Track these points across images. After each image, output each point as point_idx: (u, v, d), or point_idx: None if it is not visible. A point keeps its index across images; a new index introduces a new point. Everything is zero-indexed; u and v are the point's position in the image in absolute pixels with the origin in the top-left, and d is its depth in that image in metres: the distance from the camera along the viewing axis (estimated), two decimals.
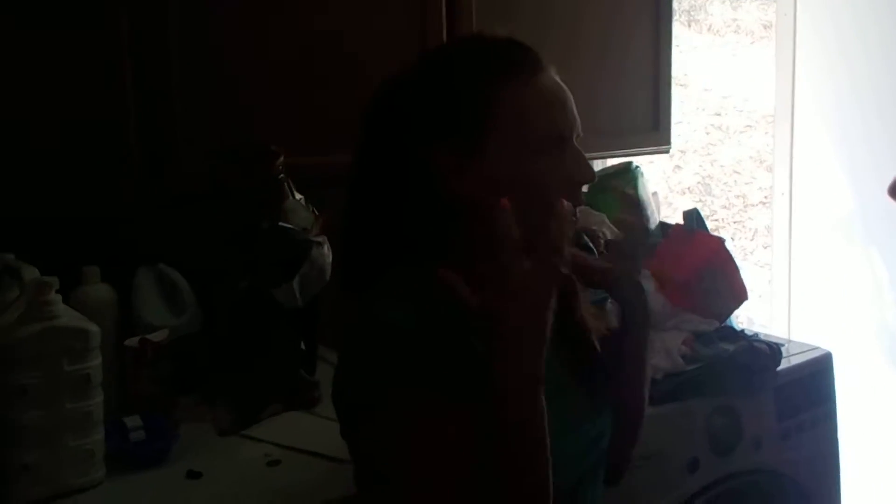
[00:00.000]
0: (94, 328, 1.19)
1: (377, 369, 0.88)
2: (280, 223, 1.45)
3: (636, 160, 2.06)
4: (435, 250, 0.94)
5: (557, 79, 0.97)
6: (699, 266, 1.65)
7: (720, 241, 1.72)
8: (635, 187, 1.96)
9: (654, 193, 2.10)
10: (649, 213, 1.96)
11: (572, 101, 0.97)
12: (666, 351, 1.52)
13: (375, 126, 0.98)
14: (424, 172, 0.93)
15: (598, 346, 1.06)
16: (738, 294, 1.70)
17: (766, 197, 3.29)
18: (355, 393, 0.91)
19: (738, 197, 3.71)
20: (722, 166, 3.76)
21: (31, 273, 1.24)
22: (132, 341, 1.39)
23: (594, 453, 1.02)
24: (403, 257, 0.96)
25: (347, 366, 0.94)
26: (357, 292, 0.98)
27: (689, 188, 3.74)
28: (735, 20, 3.83)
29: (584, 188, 1.03)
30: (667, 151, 2.02)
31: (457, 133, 0.93)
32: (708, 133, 3.82)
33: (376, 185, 0.97)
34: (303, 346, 1.49)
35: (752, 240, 3.60)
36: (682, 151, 3.66)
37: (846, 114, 2.62)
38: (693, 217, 1.79)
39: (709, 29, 3.86)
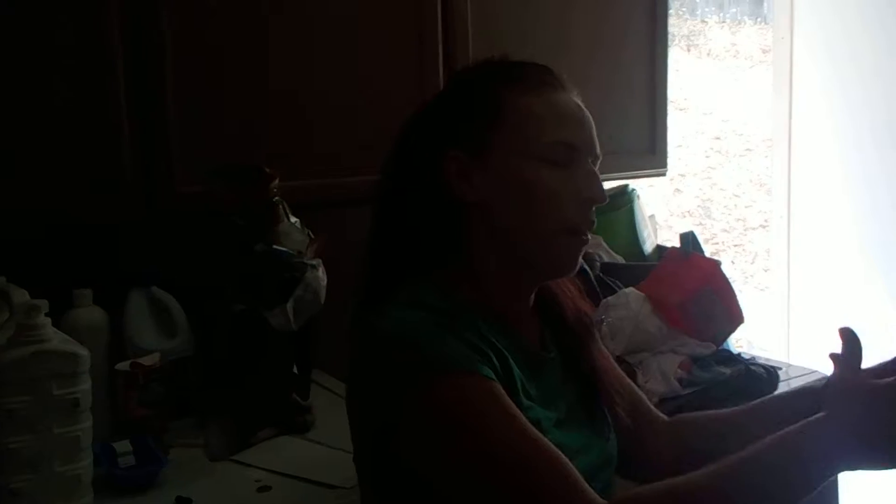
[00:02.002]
0: (83, 352, 1.18)
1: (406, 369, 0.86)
2: (274, 246, 1.45)
3: (634, 183, 2.07)
4: (447, 258, 0.94)
5: (579, 101, 0.98)
6: (695, 288, 1.64)
7: (716, 263, 1.71)
8: (631, 210, 1.96)
9: (652, 216, 2.10)
10: (646, 235, 1.96)
11: (591, 123, 0.97)
12: (662, 374, 1.51)
13: (400, 144, 1.00)
14: (437, 179, 0.94)
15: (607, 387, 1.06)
16: (734, 317, 1.69)
17: (765, 220, 3.29)
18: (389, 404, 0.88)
19: (738, 220, 3.70)
20: (722, 189, 3.76)
21: (20, 296, 1.23)
22: (123, 365, 1.38)
23: (600, 476, 1.01)
24: (419, 267, 0.96)
25: (368, 382, 0.92)
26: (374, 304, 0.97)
27: (689, 211, 3.74)
28: (734, 45, 3.84)
29: None
30: (664, 174, 2.01)
31: (466, 138, 0.94)
32: (708, 156, 3.82)
33: (396, 198, 0.98)
34: (296, 371, 1.48)
35: (752, 263, 3.59)
36: (682, 175, 3.66)
37: (843, 136, 2.62)
38: (689, 240, 1.79)
39: (708, 53, 3.87)
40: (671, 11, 2.02)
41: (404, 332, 0.88)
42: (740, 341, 1.92)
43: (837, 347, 0.86)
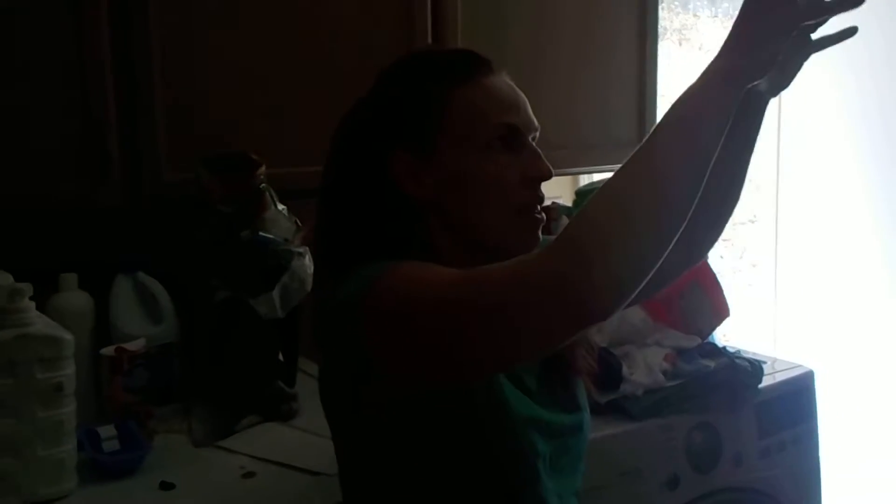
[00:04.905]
0: (67, 336, 1.18)
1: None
2: (261, 233, 1.45)
3: None
4: (398, 253, 0.94)
5: (510, 82, 0.99)
6: (682, 282, 1.64)
7: None
8: None
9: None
10: None
11: (527, 103, 0.99)
12: (647, 367, 1.52)
13: (341, 141, 1.00)
14: (384, 178, 0.95)
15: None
16: (720, 311, 1.70)
17: (754, 215, 3.31)
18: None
19: None
20: None
21: (4, 279, 1.22)
22: (108, 350, 1.38)
23: (573, 446, 1.03)
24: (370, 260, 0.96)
25: (329, 343, 0.94)
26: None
27: None
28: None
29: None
30: None
31: (411, 138, 0.96)
32: None
33: (343, 194, 0.98)
34: (282, 358, 1.48)
35: (740, 258, 3.61)
36: None
37: (832, 130, 2.63)
38: None
39: (700, 48, 3.87)
40: (663, 5, 2.02)
41: (350, 282, 0.89)
42: (726, 335, 1.93)
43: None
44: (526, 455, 0.94)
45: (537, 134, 0.99)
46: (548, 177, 0.96)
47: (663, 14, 2.05)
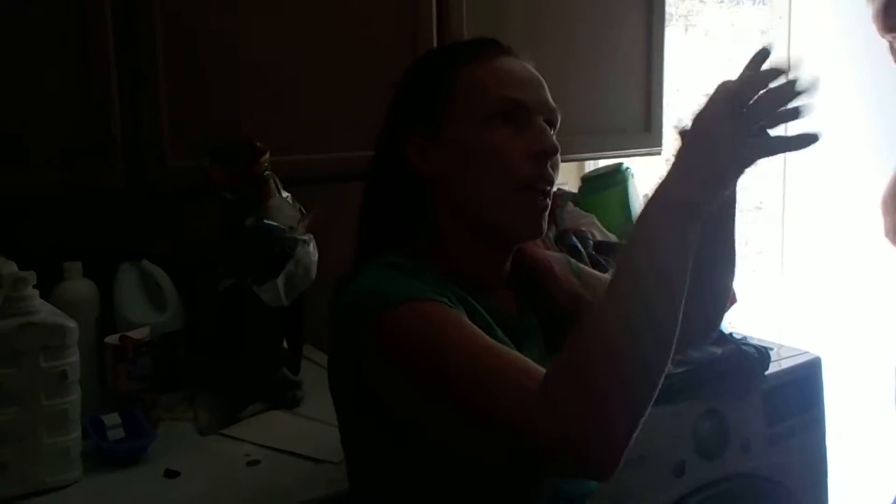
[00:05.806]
0: (71, 324, 1.17)
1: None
2: (265, 221, 1.44)
3: (629, 162, 2.06)
4: (419, 234, 0.97)
5: (528, 66, 0.99)
6: None
7: None
8: (625, 188, 1.95)
9: (646, 195, 2.08)
10: None
11: (542, 84, 0.98)
12: None
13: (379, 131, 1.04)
14: (400, 160, 0.98)
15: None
16: None
17: (760, 202, 3.29)
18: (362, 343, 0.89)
19: None
20: None
21: (8, 267, 1.22)
22: (112, 338, 1.37)
23: None
24: (393, 244, 0.99)
25: (337, 339, 0.95)
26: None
27: None
28: (732, 24, 3.81)
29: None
30: (659, 153, 2.00)
31: (420, 117, 0.97)
32: None
33: (369, 180, 1.03)
34: (286, 346, 1.48)
35: (746, 245, 3.60)
36: None
37: (839, 118, 2.61)
38: None
39: (706, 34, 3.85)
40: None
41: (366, 282, 0.90)
42: (733, 322, 1.92)
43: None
44: None
45: (555, 118, 0.98)
46: (551, 152, 0.95)
47: (669, 0, 2.04)
